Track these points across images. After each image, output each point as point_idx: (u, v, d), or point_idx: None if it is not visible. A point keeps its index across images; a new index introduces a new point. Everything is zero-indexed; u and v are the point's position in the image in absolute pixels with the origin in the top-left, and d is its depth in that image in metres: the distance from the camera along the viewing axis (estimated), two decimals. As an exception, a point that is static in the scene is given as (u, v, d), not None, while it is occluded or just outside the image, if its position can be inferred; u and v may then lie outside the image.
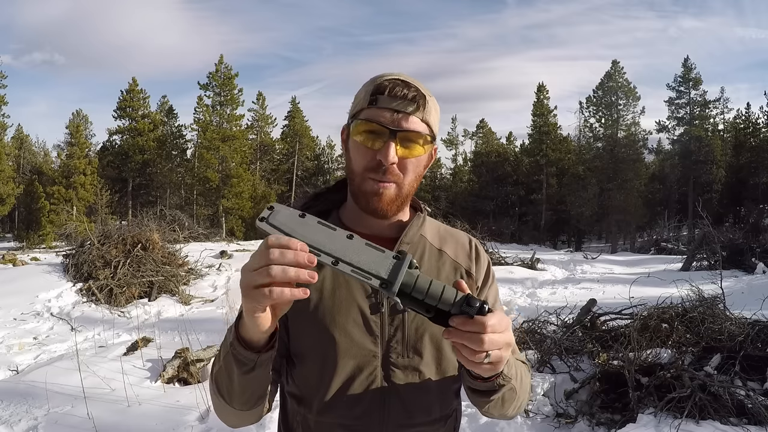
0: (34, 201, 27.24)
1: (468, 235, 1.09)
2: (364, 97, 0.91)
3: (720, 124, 36.81)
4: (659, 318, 4.38)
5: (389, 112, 0.89)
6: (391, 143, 0.88)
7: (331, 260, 0.68)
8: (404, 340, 0.94)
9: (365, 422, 0.92)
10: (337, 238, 0.70)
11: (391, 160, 0.88)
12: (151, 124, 34.32)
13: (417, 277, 0.70)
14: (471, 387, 0.88)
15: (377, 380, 0.93)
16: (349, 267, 0.68)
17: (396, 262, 0.69)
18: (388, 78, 0.91)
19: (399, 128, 0.88)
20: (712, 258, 12.06)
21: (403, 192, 0.94)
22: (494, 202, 37.49)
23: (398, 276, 0.68)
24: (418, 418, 0.95)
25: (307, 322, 0.94)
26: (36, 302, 7.91)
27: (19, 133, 41.01)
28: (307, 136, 39.46)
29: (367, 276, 0.68)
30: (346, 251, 0.69)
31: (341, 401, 0.92)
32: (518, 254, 15.56)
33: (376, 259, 0.69)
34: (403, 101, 0.89)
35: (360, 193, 0.94)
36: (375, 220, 0.97)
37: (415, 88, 0.90)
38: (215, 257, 11.51)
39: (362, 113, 0.91)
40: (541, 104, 36.68)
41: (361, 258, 0.69)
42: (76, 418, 3.50)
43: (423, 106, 0.90)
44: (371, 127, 0.89)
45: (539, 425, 3.57)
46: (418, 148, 0.91)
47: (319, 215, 1.01)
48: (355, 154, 0.93)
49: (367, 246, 0.70)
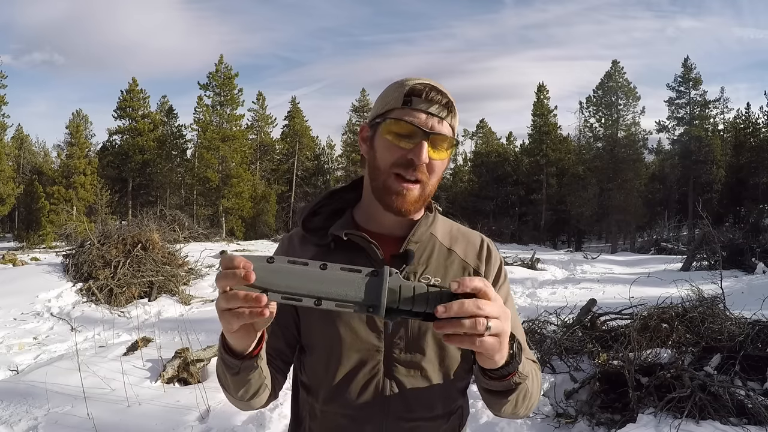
0: (34, 201, 27.23)
1: (481, 235, 1.10)
2: (397, 98, 0.93)
3: (720, 124, 36.85)
4: (659, 318, 4.38)
5: (424, 114, 0.92)
6: (425, 143, 0.91)
7: (313, 301, 0.67)
8: (407, 337, 0.96)
9: (367, 413, 0.96)
10: (312, 274, 0.68)
11: (424, 160, 0.91)
12: (151, 124, 34.32)
13: (399, 290, 0.68)
14: (487, 388, 0.88)
15: (379, 374, 0.96)
16: (332, 302, 0.67)
17: (374, 281, 0.68)
18: (421, 82, 0.94)
19: (433, 131, 0.91)
20: (712, 258, 12.06)
21: (426, 193, 0.96)
22: (494, 202, 37.50)
23: (381, 298, 0.67)
24: (418, 412, 0.97)
25: (314, 317, 0.98)
26: (36, 302, 7.91)
27: (19, 133, 41.04)
28: (307, 136, 39.46)
29: (352, 306, 0.67)
30: (324, 285, 0.67)
31: (345, 392, 0.96)
32: (518, 254, 15.57)
33: (355, 285, 0.68)
34: (437, 106, 0.92)
35: (384, 189, 0.95)
36: (388, 218, 0.99)
37: (446, 94, 0.94)
38: (215, 257, 11.52)
39: (394, 113, 0.93)
40: (541, 104, 36.68)
41: (341, 287, 0.68)
42: (76, 418, 3.50)
43: (452, 113, 0.95)
44: (406, 127, 0.91)
45: (539, 425, 3.57)
46: (444, 152, 0.95)
47: (332, 214, 1.05)
48: (384, 152, 0.94)
49: (343, 271, 0.69)
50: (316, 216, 1.04)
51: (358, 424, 0.96)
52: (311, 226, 1.03)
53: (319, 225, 1.03)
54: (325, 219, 1.03)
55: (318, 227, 1.02)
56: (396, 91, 0.95)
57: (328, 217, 1.04)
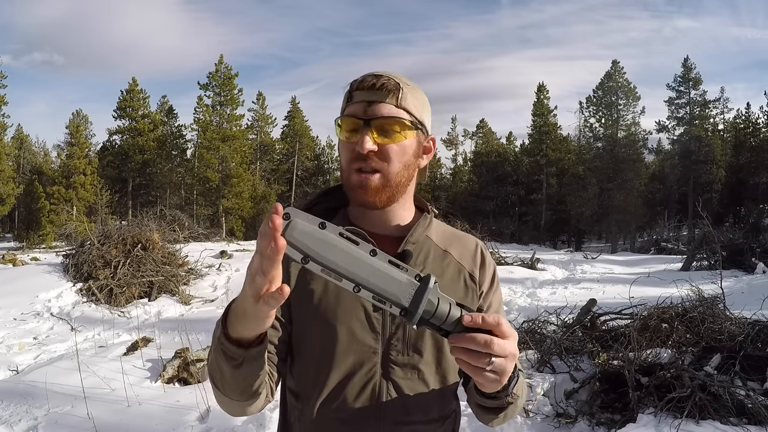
0: (34, 201, 27.24)
1: (475, 239, 1.09)
2: (345, 98, 0.95)
3: (720, 124, 36.83)
4: (659, 318, 4.38)
5: (362, 103, 0.91)
6: (366, 132, 0.89)
7: (352, 286, 0.64)
8: (405, 338, 0.94)
9: (362, 417, 0.93)
10: (359, 256, 0.65)
11: (367, 148, 0.88)
12: (151, 124, 34.32)
13: (438, 304, 0.67)
14: (479, 404, 0.89)
15: (376, 376, 0.93)
16: (371, 294, 0.65)
17: (419, 288, 0.66)
18: (363, 74, 0.94)
19: (372, 116, 0.90)
20: (712, 258, 12.06)
21: (391, 181, 0.93)
22: (494, 202, 37.49)
23: (419, 306, 0.65)
24: (415, 416, 0.95)
25: (309, 316, 0.94)
26: (36, 302, 7.91)
27: (19, 133, 41.02)
28: (307, 136, 39.46)
29: (388, 303, 0.65)
30: (367, 272, 0.64)
31: (339, 395, 0.93)
32: (518, 254, 15.55)
33: (398, 283, 0.65)
34: (372, 91, 0.90)
35: (349, 186, 0.95)
36: (380, 217, 0.98)
37: (386, 77, 0.91)
38: (215, 257, 11.50)
39: (344, 112, 0.94)
40: (541, 104, 36.67)
41: (383, 281, 0.65)
42: (76, 418, 3.50)
43: (396, 93, 0.91)
44: (346, 121, 0.92)
45: (539, 425, 3.57)
46: (398, 134, 0.91)
47: (326, 212, 1.02)
48: (342, 151, 0.95)
49: (389, 265, 0.66)
50: None
51: (354, 429, 0.93)
52: None
53: None
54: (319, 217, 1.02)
55: None
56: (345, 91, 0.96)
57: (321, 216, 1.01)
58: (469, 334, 0.69)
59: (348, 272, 0.64)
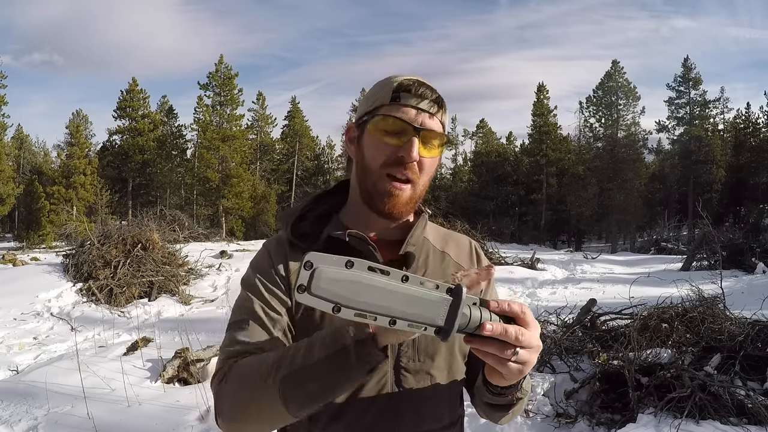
0: (34, 201, 27.25)
1: (468, 239, 1.10)
2: (385, 94, 0.90)
3: (720, 124, 36.82)
4: (659, 318, 4.37)
5: (414, 110, 0.88)
6: (415, 140, 0.87)
7: (387, 321, 0.61)
8: (415, 344, 0.91)
9: (376, 429, 0.89)
10: (392, 287, 0.61)
11: (415, 157, 0.87)
12: (151, 124, 34.33)
13: (470, 314, 0.66)
14: (489, 403, 0.88)
15: (388, 385, 0.90)
16: (406, 323, 0.62)
17: (452, 303, 0.64)
18: (410, 78, 0.91)
19: (423, 127, 0.88)
20: (712, 258, 12.05)
21: (417, 193, 0.92)
22: (494, 202, 37.50)
23: (455, 322, 0.64)
24: (429, 424, 0.92)
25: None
26: (36, 302, 7.91)
27: (19, 133, 41.04)
28: (307, 136, 39.46)
29: (422, 326, 0.64)
30: (401, 302, 0.62)
31: (351, 409, 0.88)
32: (518, 254, 15.55)
33: (431, 304, 0.63)
34: (427, 101, 0.89)
35: (375, 192, 0.91)
36: (380, 221, 0.95)
37: (435, 90, 0.91)
38: (215, 257, 11.51)
39: (382, 109, 0.90)
40: (541, 104, 36.67)
41: (417, 306, 0.63)
42: (76, 418, 3.50)
43: (442, 109, 0.92)
44: (394, 122, 0.88)
45: (539, 425, 3.57)
46: (436, 149, 0.91)
47: (319, 218, 0.99)
48: (373, 150, 0.91)
49: (421, 287, 0.63)
50: (303, 221, 0.99)
51: None
52: (299, 231, 0.97)
53: (307, 230, 0.96)
54: (312, 224, 0.98)
55: (306, 233, 0.96)
56: (384, 88, 0.91)
57: (314, 222, 0.98)
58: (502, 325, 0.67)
59: (383, 309, 0.61)
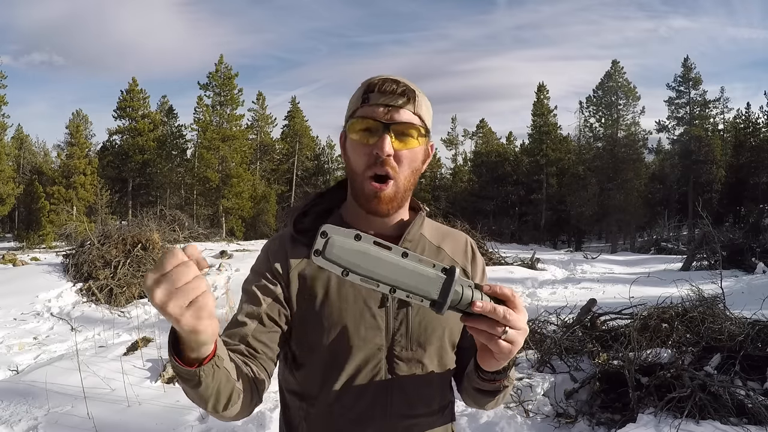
0: (34, 201, 27.25)
1: (464, 235, 1.13)
2: (357, 98, 0.95)
3: (720, 124, 36.83)
4: (659, 318, 4.38)
5: (381, 107, 0.92)
6: (386, 136, 0.90)
7: (388, 289, 0.70)
8: (408, 334, 0.97)
9: (369, 413, 0.95)
10: (393, 260, 0.70)
11: (387, 152, 0.90)
12: (151, 124, 34.32)
13: (462, 292, 0.73)
14: (477, 388, 0.93)
15: (381, 372, 0.96)
16: (405, 293, 0.71)
17: (446, 280, 0.72)
18: (378, 77, 0.95)
19: (392, 121, 0.91)
20: (712, 258, 12.04)
21: (401, 187, 0.95)
22: (494, 202, 37.50)
23: (448, 297, 0.72)
24: (419, 409, 0.98)
25: (314, 318, 0.95)
26: (36, 302, 7.91)
27: (19, 133, 41.00)
28: (307, 136, 39.45)
29: (419, 298, 0.72)
30: (401, 274, 0.70)
31: (346, 394, 0.95)
32: (518, 254, 15.54)
33: (428, 279, 0.72)
34: (393, 96, 0.92)
35: (361, 195, 0.96)
36: (377, 219, 1.00)
37: (404, 83, 0.93)
38: (215, 257, 11.50)
39: (357, 112, 0.94)
40: (541, 104, 36.67)
41: (415, 279, 0.71)
42: (76, 418, 3.50)
43: (413, 100, 0.93)
44: (366, 123, 0.92)
45: (539, 425, 3.57)
46: (413, 140, 0.94)
47: (322, 213, 1.04)
48: (354, 153, 0.95)
49: (419, 263, 0.72)
50: (305, 217, 1.03)
51: (360, 426, 0.95)
52: (302, 227, 1.01)
53: (309, 226, 1.01)
54: (314, 220, 1.03)
55: (308, 228, 1.00)
56: (357, 92, 0.96)
57: (317, 218, 1.03)
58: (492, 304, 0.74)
59: (385, 278, 0.70)
